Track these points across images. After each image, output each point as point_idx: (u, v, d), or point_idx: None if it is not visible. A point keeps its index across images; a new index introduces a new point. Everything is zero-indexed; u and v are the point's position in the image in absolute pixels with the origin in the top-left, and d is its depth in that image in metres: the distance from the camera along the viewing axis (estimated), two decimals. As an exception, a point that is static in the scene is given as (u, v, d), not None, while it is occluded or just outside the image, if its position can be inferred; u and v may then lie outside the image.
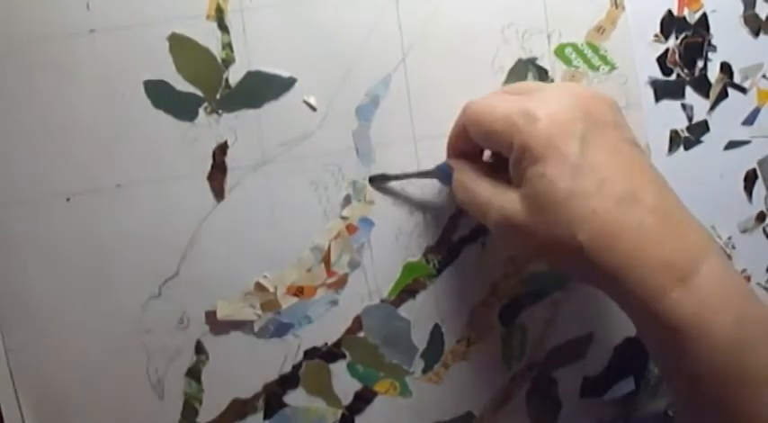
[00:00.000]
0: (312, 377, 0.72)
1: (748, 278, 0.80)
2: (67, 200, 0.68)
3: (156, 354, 0.70)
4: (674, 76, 0.76)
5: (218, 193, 0.69)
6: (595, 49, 0.74)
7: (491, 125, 0.53)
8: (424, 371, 0.74)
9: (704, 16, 0.76)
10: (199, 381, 0.71)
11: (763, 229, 0.81)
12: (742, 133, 0.78)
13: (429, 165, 0.71)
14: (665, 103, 0.76)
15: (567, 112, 0.49)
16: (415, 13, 0.71)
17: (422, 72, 0.71)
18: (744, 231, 0.80)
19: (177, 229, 0.69)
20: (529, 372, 0.76)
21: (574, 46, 0.74)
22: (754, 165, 0.79)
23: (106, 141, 0.68)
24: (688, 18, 0.76)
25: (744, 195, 0.79)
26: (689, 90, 0.77)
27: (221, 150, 0.69)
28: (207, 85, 0.69)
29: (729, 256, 0.79)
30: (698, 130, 0.77)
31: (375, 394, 0.73)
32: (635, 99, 0.75)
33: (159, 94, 0.68)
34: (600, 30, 0.74)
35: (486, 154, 0.67)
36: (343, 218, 0.71)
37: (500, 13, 0.72)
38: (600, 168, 0.48)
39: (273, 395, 0.72)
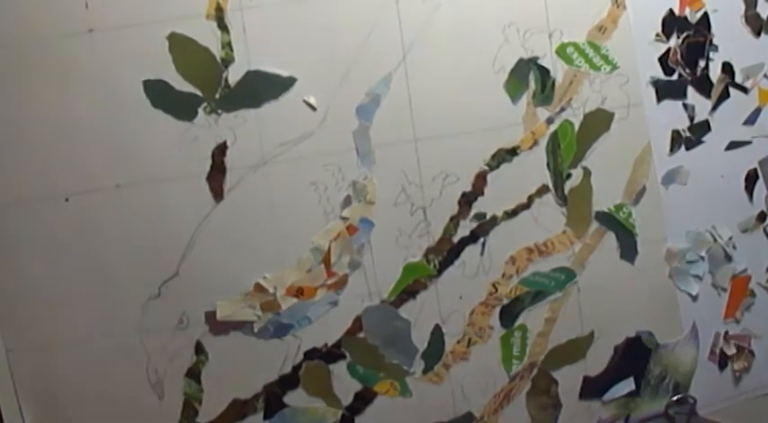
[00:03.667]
0: (312, 378, 0.72)
1: (749, 278, 0.80)
2: (66, 200, 0.68)
3: (156, 354, 0.70)
4: (675, 76, 0.76)
5: (218, 193, 0.69)
6: (597, 49, 0.74)
7: None
8: (425, 371, 0.74)
9: (705, 16, 0.76)
10: (199, 381, 0.71)
11: (764, 229, 0.81)
12: (743, 133, 0.78)
13: (429, 164, 0.71)
14: (667, 102, 0.76)
15: None
16: (415, 11, 0.70)
17: (423, 71, 0.71)
18: (744, 231, 0.80)
19: (176, 230, 0.69)
20: (529, 372, 0.76)
21: (575, 45, 0.73)
22: (754, 165, 0.79)
23: (105, 141, 0.68)
24: (689, 17, 0.76)
25: (744, 195, 0.79)
26: (690, 90, 0.77)
27: (220, 151, 0.69)
28: (206, 84, 0.68)
29: (730, 256, 0.79)
30: (699, 131, 0.77)
31: (375, 395, 0.73)
32: (637, 99, 0.75)
33: (158, 93, 0.68)
34: (601, 29, 0.74)
35: None
36: (344, 218, 0.71)
37: (501, 13, 0.72)
38: None
39: (273, 395, 0.72)
